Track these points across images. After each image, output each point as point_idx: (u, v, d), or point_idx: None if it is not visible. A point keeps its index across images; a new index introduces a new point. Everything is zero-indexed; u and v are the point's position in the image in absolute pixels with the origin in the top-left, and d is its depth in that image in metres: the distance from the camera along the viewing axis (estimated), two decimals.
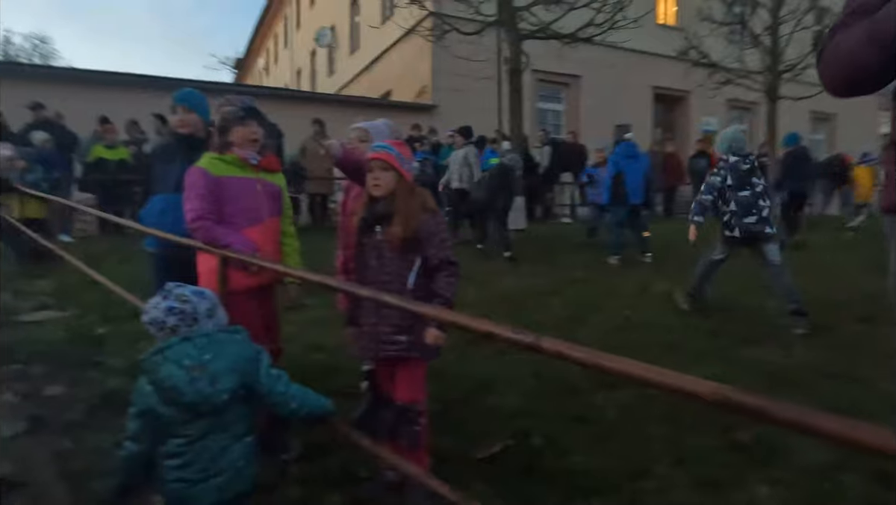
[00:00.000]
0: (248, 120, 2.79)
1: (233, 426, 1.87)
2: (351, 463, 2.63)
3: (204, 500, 1.83)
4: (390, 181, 2.39)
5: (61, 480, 2.64)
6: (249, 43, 31.43)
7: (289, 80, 25.93)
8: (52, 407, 3.42)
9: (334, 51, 21.17)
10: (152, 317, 1.79)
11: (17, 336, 4.70)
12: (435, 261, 2.37)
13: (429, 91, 15.10)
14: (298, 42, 24.96)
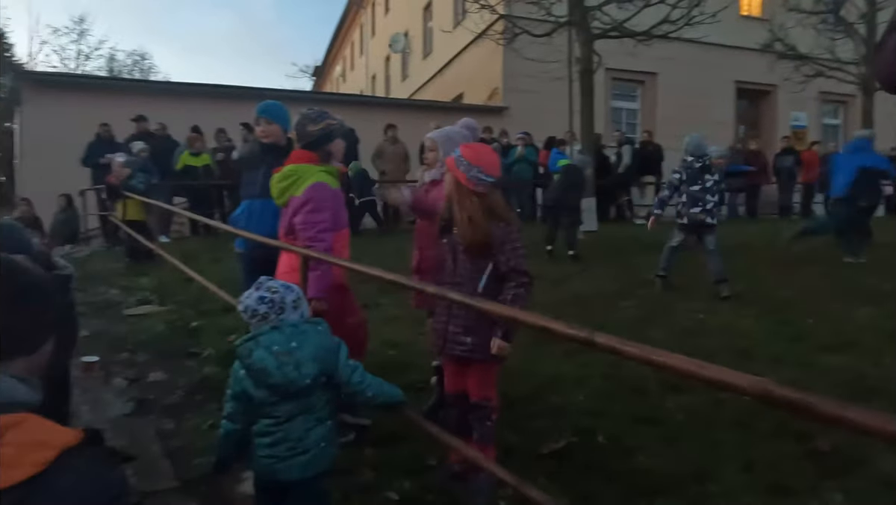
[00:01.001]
0: (348, 135, 3.05)
1: (316, 410, 2.06)
2: (420, 452, 2.78)
3: (290, 475, 2.02)
4: (449, 184, 2.52)
5: (165, 456, 2.96)
6: (327, 51, 32.62)
7: (364, 86, 26.72)
8: (155, 391, 3.80)
9: (408, 56, 21.64)
10: (246, 305, 2.00)
11: (124, 328, 5.21)
12: (504, 269, 2.43)
13: (500, 93, 15.17)
14: (373, 49, 25.68)
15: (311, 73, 35.70)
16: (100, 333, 4.93)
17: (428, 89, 19.32)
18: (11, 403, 0.92)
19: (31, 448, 0.87)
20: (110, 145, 9.85)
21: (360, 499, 2.50)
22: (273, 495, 2.09)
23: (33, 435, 0.88)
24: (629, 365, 3.53)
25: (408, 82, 21.67)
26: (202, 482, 2.65)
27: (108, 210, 9.53)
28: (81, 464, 0.90)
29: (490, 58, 14.88)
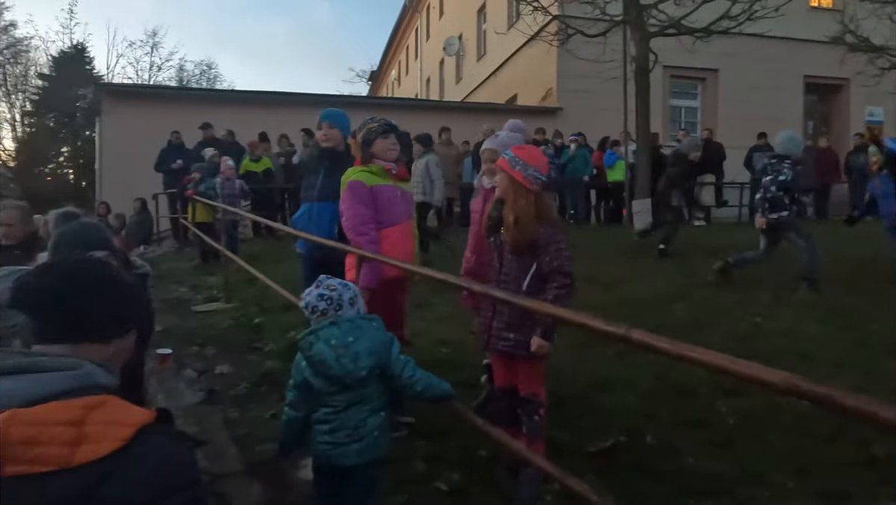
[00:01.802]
0: (389, 133, 3.18)
1: (371, 401, 2.19)
2: (470, 445, 2.87)
3: (346, 461, 2.16)
4: (502, 182, 2.59)
5: (232, 442, 3.17)
6: (383, 56, 33.24)
7: (419, 90, 27.08)
8: (223, 383, 4.06)
9: (462, 59, 21.80)
10: (307, 302, 2.16)
11: (193, 323, 5.56)
12: (547, 269, 2.50)
13: (554, 94, 15.09)
14: (428, 52, 25.99)
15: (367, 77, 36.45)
16: (172, 328, 5.28)
17: (482, 91, 19.42)
18: (94, 385, 1.03)
19: (113, 426, 0.98)
20: (180, 152, 10.43)
21: (411, 488, 2.61)
22: (330, 479, 2.24)
23: (114, 414, 1.00)
24: (680, 368, 3.51)
25: (461, 85, 21.83)
26: (265, 467, 2.84)
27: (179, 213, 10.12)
28: (157, 439, 1.02)
29: (544, 59, 14.82)
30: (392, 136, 3.22)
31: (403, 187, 3.32)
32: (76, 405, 0.97)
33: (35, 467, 0.91)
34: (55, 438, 0.93)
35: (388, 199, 3.18)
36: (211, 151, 9.37)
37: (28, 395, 0.96)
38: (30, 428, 0.92)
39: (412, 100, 22.90)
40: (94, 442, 0.95)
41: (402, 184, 3.31)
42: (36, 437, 0.92)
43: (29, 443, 0.91)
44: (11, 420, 0.91)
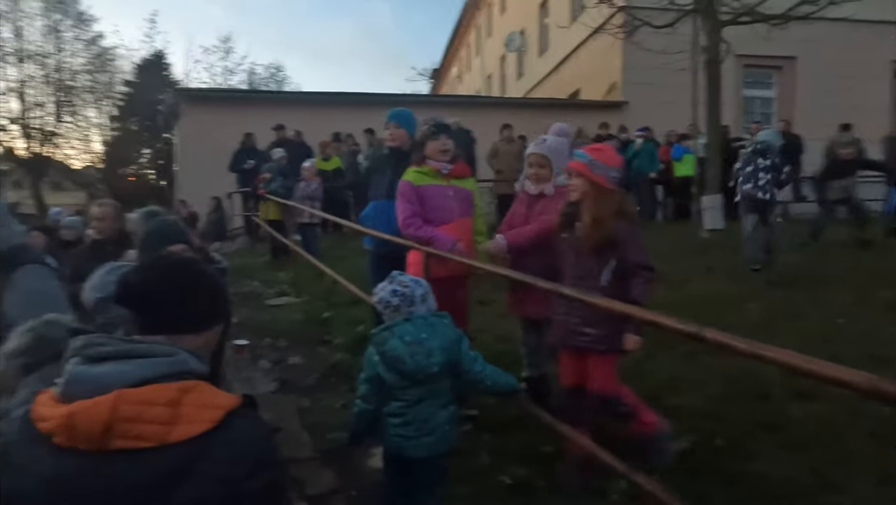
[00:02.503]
0: (438, 134, 3.25)
1: (441, 396, 2.26)
2: (535, 440, 2.89)
3: (417, 453, 2.23)
4: (579, 186, 2.63)
5: (304, 429, 3.33)
6: (444, 53, 33.39)
7: (480, 86, 27.06)
8: (294, 373, 4.25)
9: (523, 54, 21.63)
10: (380, 297, 2.24)
11: (266, 316, 5.83)
12: (630, 265, 2.54)
13: (619, 88, 14.74)
14: (489, 49, 25.92)
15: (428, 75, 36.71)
16: (246, 320, 5.55)
17: (544, 87, 19.21)
18: (187, 371, 1.13)
19: (205, 408, 1.07)
20: (252, 152, 10.89)
21: (476, 480, 2.67)
22: (400, 469, 2.33)
23: (206, 398, 1.09)
24: (752, 369, 3.40)
25: (523, 81, 21.66)
26: (336, 454, 2.96)
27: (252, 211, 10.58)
28: (243, 422, 1.11)
29: (608, 52, 14.51)
30: (442, 137, 3.30)
31: (459, 185, 3.37)
32: (173, 388, 1.06)
33: (138, 443, 1.00)
34: (155, 417, 1.02)
35: (436, 199, 3.28)
36: (280, 152, 9.74)
37: (133, 377, 1.06)
38: (134, 407, 1.02)
39: (473, 97, 22.94)
40: (188, 422, 1.04)
41: (457, 182, 3.37)
42: (139, 415, 1.01)
43: (133, 420, 1.01)
44: (119, 399, 1.01)
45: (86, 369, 1.07)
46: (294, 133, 11.34)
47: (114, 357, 1.09)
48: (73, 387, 1.04)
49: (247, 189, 10.53)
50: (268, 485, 1.09)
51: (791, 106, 14.90)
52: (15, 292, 2.03)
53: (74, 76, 24.90)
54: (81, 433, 1.00)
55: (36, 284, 2.08)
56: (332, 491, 2.71)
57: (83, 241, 4.90)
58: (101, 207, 4.45)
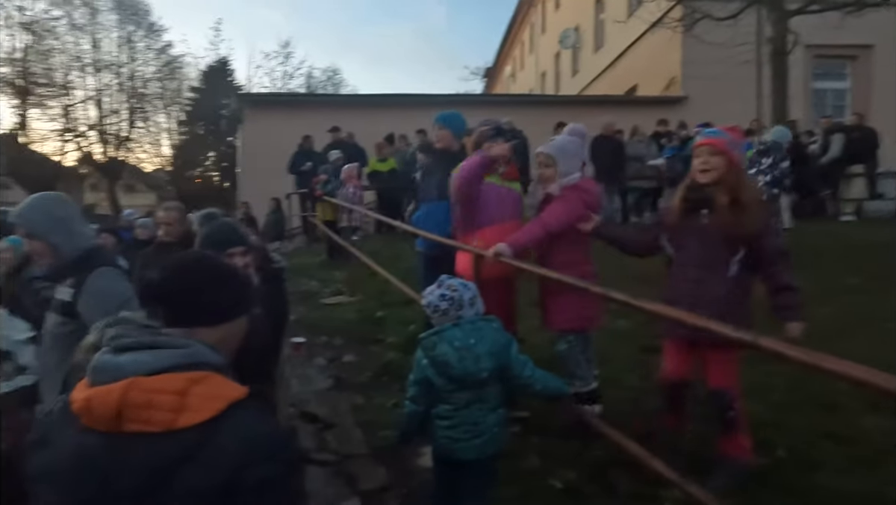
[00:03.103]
0: (498, 137, 3.25)
1: (489, 399, 2.26)
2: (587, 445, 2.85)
3: (467, 455, 2.25)
4: (720, 166, 2.48)
5: (357, 426, 3.41)
6: (498, 52, 33.28)
7: (534, 85, 26.82)
8: (348, 371, 4.35)
9: (578, 51, 21.30)
10: (429, 301, 2.27)
11: (322, 315, 5.98)
12: (770, 251, 2.43)
13: (678, 82, 14.31)
14: (543, 46, 25.66)
15: (482, 75, 36.67)
16: (303, 319, 5.72)
17: (599, 84, 18.86)
18: (199, 363, 1.19)
19: (209, 399, 1.14)
20: (310, 154, 11.18)
21: (525, 482, 2.66)
22: (449, 470, 2.35)
23: (213, 389, 1.16)
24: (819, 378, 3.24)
25: (578, 78, 21.33)
26: (388, 452, 3.02)
27: (309, 212, 10.88)
28: (245, 413, 1.17)
29: (667, 46, 14.09)
30: (501, 140, 3.32)
31: (511, 187, 3.40)
32: (182, 378, 1.14)
33: (147, 427, 1.10)
34: (163, 404, 1.10)
35: (492, 198, 3.30)
36: (336, 154, 9.96)
37: (147, 366, 1.15)
38: (144, 394, 1.10)
39: (527, 95, 22.77)
40: (194, 411, 1.11)
41: (510, 184, 3.39)
42: (149, 402, 1.10)
43: (143, 406, 1.10)
44: (131, 386, 1.11)
45: (110, 358, 1.17)
46: (346, 135, 11.58)
47: (135, 348, 1.19)
48: (97, 374, 1.15)
49: (304, 190, 10.82)
50: (267, 477, 1.13)
51: (867, 98, 14.05)
52: (89, 294, 2.15)
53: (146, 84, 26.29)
54: (97, 416, 1.11)
55: (108, 286, 2.18)
56: (383, 488, 2.76)
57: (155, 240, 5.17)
58: (166, 212, 4.69)
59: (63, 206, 2.30)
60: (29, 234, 2.24)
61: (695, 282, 2.52)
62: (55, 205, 2.28)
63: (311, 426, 3.41)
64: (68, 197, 2.45)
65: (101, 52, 24.76)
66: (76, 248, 2.24)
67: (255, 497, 1.12)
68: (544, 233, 2.92)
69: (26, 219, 2.23)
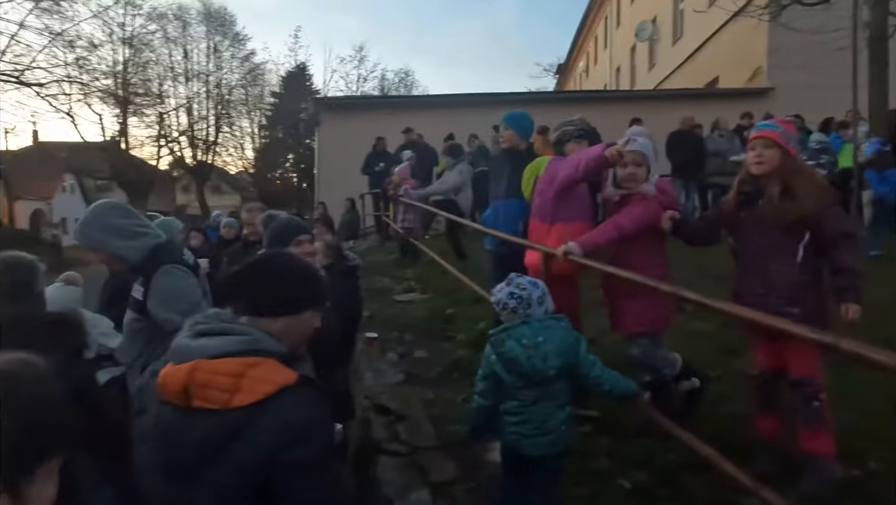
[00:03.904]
0: (582, 139, 3.33)
1: (558, 397, 2.28)
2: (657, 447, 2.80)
3: (534, 451, 2.27)
4: (773, 158, 2.51)
5: (428, 420, 3.50)
6: (570, 48, 32.73)
7: (608, 80, 26.19)
8: (419, 366, 4.46)
9: (655, 43, 20.60)
10: (497, 298, 2.31)
11: (394, 311, 6.14)
12: (831, 234, 2.41)
13: (763, 73, 13.56)
14: (618, 40, 25.00)
15: (554, 71, 36.18)
16: (377, 315, 5.89)
17: (677, 77, 18.17)
18: (257, 349, 1.31)
19: (261, 382, 1.25)
20: (383, 156, 11.47)
21: (594, 482, 2.65)
22: (517, 466, 2.38)
23: (266, 373, 1.27)
24: None
25: (655, 71, 20.64)
26: (457, 446, 3.08)
27: (382, 211, 11.16)
28: (292, 398, 1.27)
29: (751, 34, 13.38)
30: (585, 143, 3.34)
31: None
32: (239, 362, 1.27)
33: (208, 404, 1.24)
34: (221, 385, 1.24)
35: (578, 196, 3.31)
36: (408, 154, 10.16)
37: (211, 350, 1.29)
38: (206, 375, 1.25)
39: (600, 91, 22.24)
40: (246, 393, 1.24)
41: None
42: (209, 382, 1.25)
43: (205, 385, 1.25)
44: (196, 367, 1.26)
45: (186, 342, 1.34)
46: (417, 136, 11.78)
47: (207, 333, 1.34)
48: (175, 355, 1.32)
49: (377, 190, 11.10)
50: (304, 459, 1.23)
51: None
52: (154, 292, 2.26)
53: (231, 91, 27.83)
54: (169, 391, 1.28)
55: (170, 283, 2.27)
56: (452, 480, 2.83)
57: (240, 239, 5.50)
58: (248, 213, 5.00)
59: (117, 213, 2.33)
60: (91, 248, 2.31)
61: (761, 271, 2.53)
62: (109, 215, 2.31)
63: (384, 418, 3.52)
64: (121, 202, 2.50)
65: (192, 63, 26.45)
66: (139, 250, 2.30)
67: (293, 477, 1.22)
68: (618, 235, 2.89)
69: (85, 235, 2.30)
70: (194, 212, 25.98)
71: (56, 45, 19.47)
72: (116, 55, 22.78)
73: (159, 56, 25.00)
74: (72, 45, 19.95)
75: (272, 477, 1.21)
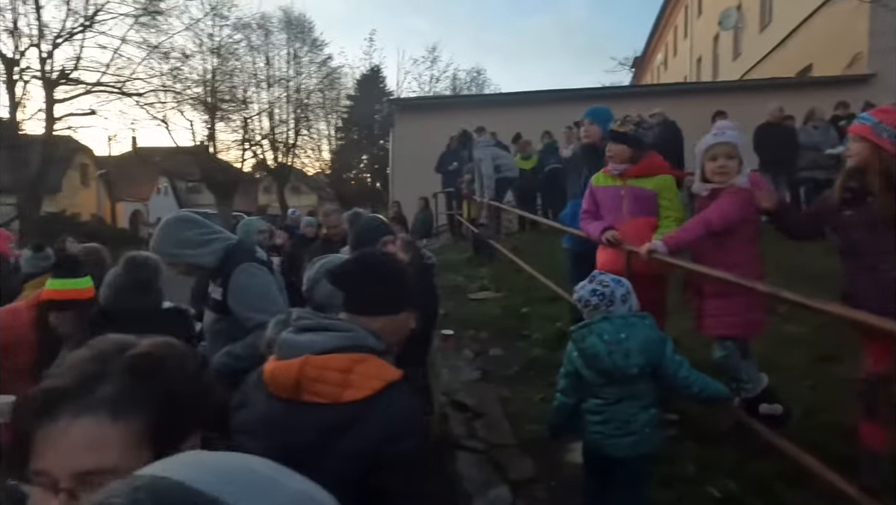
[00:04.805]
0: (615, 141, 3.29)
1: (642, 397, 2.23)
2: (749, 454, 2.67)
3: (617, 452, 2.23)
4: (861, 151, 2.41)
5: (505, 417, 3.50)
6: (648, 39, 31.62)
7: (688, 72, 25.11)
8: (495, 364, 4.47)
9: (740, 31, 19.55)
10: (580, 295, 2.29)
11: (469, 309, 6.18)
12: None
13: (863, 58, 12.59)
14: (699, 29, 23.91)
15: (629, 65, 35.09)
16: (451, 312, 5.95)
17: (765, 66, 17.16)
18: (360, 346, 1.35)
19: (369, 378, 1.29)
20: (457, 154, 11.54)
21: (681, 488, 2.56)
22: (599, 467, 2.35)
23: (372, 369, 1.31)
24: None
25: (740, 61, 19.60)
26: (536, 445, 3.07)
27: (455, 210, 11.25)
28: (398, 394, 1.31)
29: (849, 18, 12.46)
30: (609, 144, 3.33)
31: (636, 185, 3.28)
32: (347, 358, 1.31)
33: (318, 398, 1.28)
34: (330, 379, 1.28)
35: (606, 200, 3.36)
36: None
37: (318, 345, 1.34)
38: (316, 370, 1.29)
39: (680, 84, 21.37)
40: (356, 388, 1.28)
41: (634, 181, 3.29)
42: (319, 377, 1.29)
43: (315, 380, 1.29)
44: (306, 362, 1.30)
45: (292, 337, 1.39)
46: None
47: (312, 329, 1.39)
48: (281, 349, 1.37)
49: (450, 189, 11.19)
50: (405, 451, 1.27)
51: None
52: (233, 291, 2.35)
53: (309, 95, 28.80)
54: (280, 385, 1.32)
55: (247, 281, 2.36)
56: (532, 479, 2.82)
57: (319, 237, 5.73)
58: (326, 216, 5.18)
59: (184, 226, 2.41)
60: (169, 263, 2.43)
61: (869, 269, 2.37)
62: (178, 228, 2.40)
63: (461, 415, 3.56)
64: (187, 214, 2.58)
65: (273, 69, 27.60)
66: (212, 254, 2.40)
67: (396, 470, 1.26)
68: (706, 231, 2.78)
69: (160, 252, 2.41)
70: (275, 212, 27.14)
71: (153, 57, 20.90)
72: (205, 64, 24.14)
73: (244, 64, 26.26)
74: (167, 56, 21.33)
75: (374, 470, 1.25)
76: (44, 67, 18.48)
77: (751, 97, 12.28)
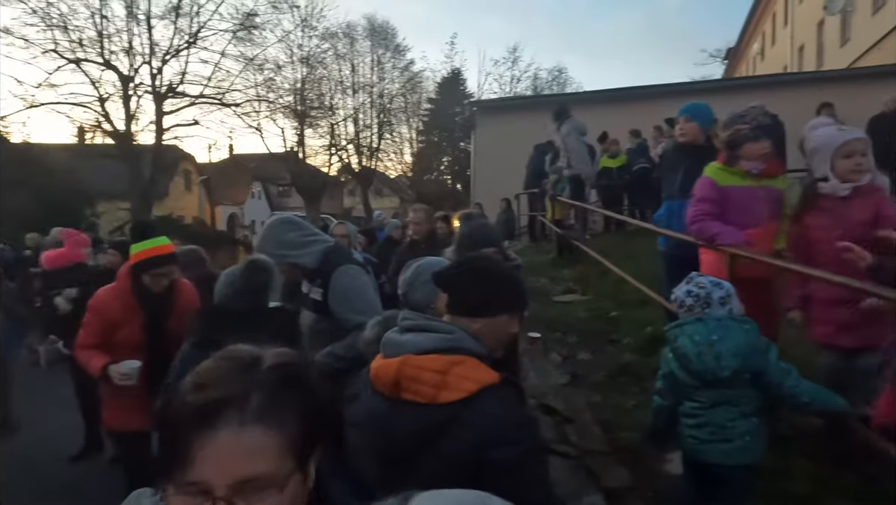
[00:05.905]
0: (760, 138, 2.91)
1: (740, 404, 2.14)
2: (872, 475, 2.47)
3: (711, 458, 2.16)
4: None
5: (596, 423, 3.43)
6: (742, 29, 29.87)
7: (788, 62, 23.47)
8: (584, 368, 4.39)
9: (849, 15, 18.04)
10: (676, 296, 2.24)
11: (554, 312, 6.10)
12: None
13: None
14: (800, 16, 22.29)
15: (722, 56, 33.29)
16: (536, 315, 5.89)
17: (877, 53, 15.72)
18: (459, 348, 1.36)
19: (464, 380, 1.29)
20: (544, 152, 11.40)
21: None
22: (698, 476, 2.27)
23: (469, 372, 1.31)
24: None
25: (848, 48, 18.08)
26: (630, 453, 2.99)
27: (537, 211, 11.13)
28: (494, 398, 1.29)
29: None
30: (763, 140, 2.92)
31: (770, 185, 3.01)
32: (444, 359, 1.33)
33: (416, 397, 1.31)
34: (428, 380, 1.31)
35: (743, 201, 2.99)
36: None
37: (418, 346, 1.37)
38: (414, 370, 1.32)
39: (778, 75, 20.02)
40: (451, 389, 1.29)
41: (768, 181, 3.01)
42: (417, 376, 1.32)
43: (413, 379, 1.32)
44: (406, 361, 1.34)
45: (396, 337, 1.44)
46: None
47: (413, 329, 1.44)
48: (385, 348, 1.43)
49: (535, 190, 11.10)
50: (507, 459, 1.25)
51: None
52: (334, 292, 2.42)
53: (392, 99, 29.49)
54: (381, 383, 1.38)
55: (348, 283, 2.43)
56: (627, 488, 2.75)
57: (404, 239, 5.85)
58: (415, 213, 5.28)
59: (286, 228, 2.50)
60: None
61: None
62: (281, 230, 2.50)
63: (551, 419, 3.52)
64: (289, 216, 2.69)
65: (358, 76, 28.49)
66: (312, 255, 2.48)
67: (498, 476, 1.24)
68: None
69: (266, 252, 2.52)
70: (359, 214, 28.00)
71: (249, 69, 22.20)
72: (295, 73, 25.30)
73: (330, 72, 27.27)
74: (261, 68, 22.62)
75: (480, 475, 1.24)
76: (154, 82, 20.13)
77: (860, 86, 11.33)
